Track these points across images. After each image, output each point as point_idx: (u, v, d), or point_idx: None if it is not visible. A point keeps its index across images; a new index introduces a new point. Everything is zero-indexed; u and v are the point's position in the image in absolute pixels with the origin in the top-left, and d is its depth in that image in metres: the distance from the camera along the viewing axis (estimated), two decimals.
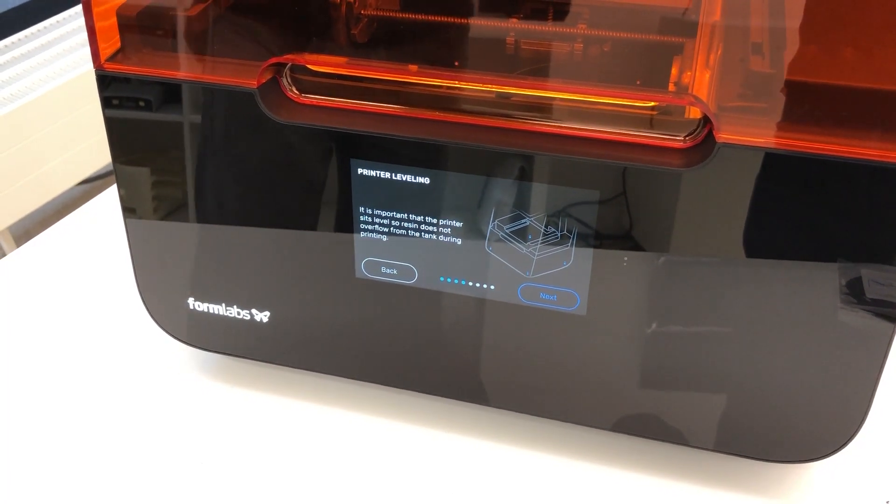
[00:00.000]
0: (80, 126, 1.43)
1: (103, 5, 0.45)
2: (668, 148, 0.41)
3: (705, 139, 0.40)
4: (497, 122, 0.44)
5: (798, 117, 0.39)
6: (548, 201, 0.43)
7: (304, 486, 0.48)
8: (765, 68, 0.41)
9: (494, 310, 0.46)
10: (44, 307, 0.61)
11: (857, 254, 0.40)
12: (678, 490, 0.48)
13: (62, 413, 0.53)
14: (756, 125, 0.39)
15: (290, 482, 0.49)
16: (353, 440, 0.51)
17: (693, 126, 0.42)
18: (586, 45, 0.47)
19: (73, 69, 1.42)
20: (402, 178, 0.44)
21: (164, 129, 0.47)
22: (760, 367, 0.43)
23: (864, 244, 0.40)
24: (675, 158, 0.41)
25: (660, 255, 0.42)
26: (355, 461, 0.50)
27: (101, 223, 0.69)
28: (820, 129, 0.39)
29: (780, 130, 0.39)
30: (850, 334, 0.41)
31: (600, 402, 0.47)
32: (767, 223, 0.40)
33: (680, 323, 0.44)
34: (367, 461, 0.50)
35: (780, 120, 0.39)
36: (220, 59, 0.45)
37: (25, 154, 1.38)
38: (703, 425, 0.46)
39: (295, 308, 0.50)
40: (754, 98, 0.40)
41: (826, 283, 0.41)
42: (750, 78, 0.41)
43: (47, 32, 1.45)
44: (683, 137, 0.41)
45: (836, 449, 0.45)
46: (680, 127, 0.42)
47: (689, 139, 0.41)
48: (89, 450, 0.51)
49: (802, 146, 0.38)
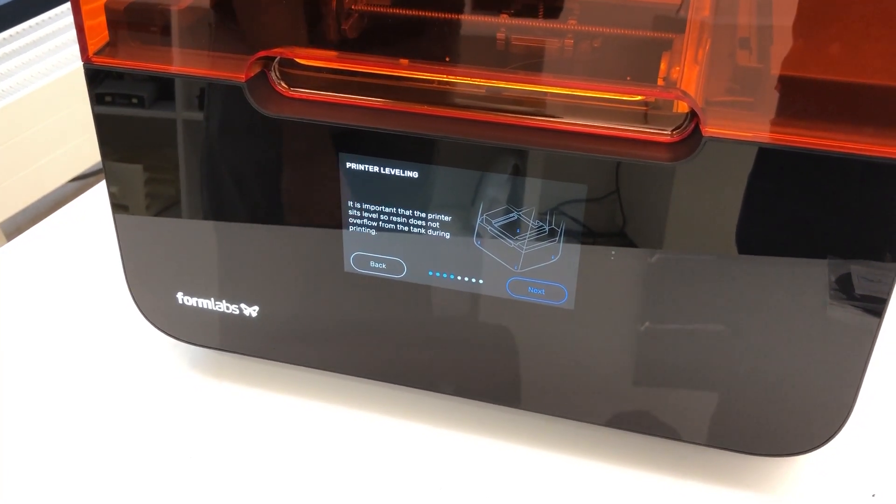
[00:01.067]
0: (73, 122, 1.43)
1: (92, 1, 0.45)
2: (655, 142, 0.41)
3: (692, 133, 0.41)
4: (486, 116, 0.44)
5: (785, 112, 0.39)
6: (535, 196, 0.43)
7: (293, 481, 0.49)
8: (752, 63, 0.41)
9: (483, 304, 0.46)
10: (33, 302, 0.61)
11: (844, 249, 0.40)
12: (666, 483, 0.48)
13: (52, 407, 0.53)
14: (743, 119, 0.39)
15: (279, 476, 0.49)
16: (341, 434, 0.51)
17: (681, 120, 0.42)
18: (577, 41, 0.47)
19: (66, 65, 1.42)
20: (391, 173, 0.44)
21: (153, 123, 0.47)
22: (747, 362, 0.44)
23: (850, 239, 0.40)
24: (663, 152, 0.41)
25: (647, 250, 0.43)
26: (344, 455, 0.50)
27: (91, 218, 0.69)
28: (807, 123, 0.39)
29: (767, 125, 0.39)
30: (836, 329, 0.42)
31: (588, 396, 0.47)
32: (754, 217, 0.40)
33: (667, 317, 0.44)
34: (355, 455, 0.50)
35: (766, 114, 0.39)
36: (209, 53, 0.45)
37: (18, 150, 1.37)
38: (691, 419, 0.46)
39: (284, 302, 0.50)
40: (742, 92, 0.41)
41: (812, 278, 0.41)
42: (737, 72, 0.41)
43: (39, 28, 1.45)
44: (671, 132, 0.41)
45: (823, 442, 0.45)
46: (669, 121, 0.42)
47: (677, 133, 0.41)
48: (79, 444, 0.51)
49: (789, 140, 0.38)
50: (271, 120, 0.44)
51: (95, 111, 0.47)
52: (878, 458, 0.49)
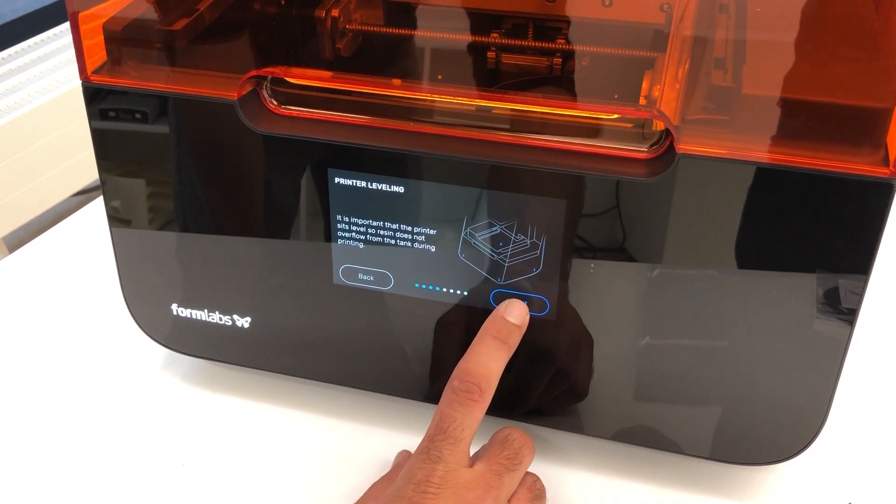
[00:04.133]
0: (75, 138, 1.45)
1: (90, 21, 0.47)
2: (632, 159, 0.43)
3: (667, 150, 0.42)
4: (470, 133, 0.45)
5: (756, 129, 0.41)
6: (518, 210, 0.44)
7: (284, 490, 0.50)
8: (726, 82, 0.42)
9: (468, 316, 0.47)
10: (31, 313, 0.62)
11: (814, 262, 0.41)
12: (646, 492, 0.49)
13: (48, 415, 0.54)
14: (716, 137, 0.41)
15: (270, 486, 0.50)
16: (332, 444, 0.52)
17: (658, 138, 0.43)
18: (564, 61, 0.49)
19: (68, 83, 1.44)
20: (378, 188, 0.46)
21: (149, 139, 0.49)
22: (725, 374, 0.45)
23: (820, 252, 0.41)
24: (639, 168, 0.42)
25: (625, 263, 0.44)
26: (334, 465, 0.51)
27: (90, 232, 0.70)
28: (777, 140, 0.40)
29: (739, 142, 0.40)
30: (808, 340, 0.43)
31: (570, 405, 0.48)
32: (726, 232, 0.42)
33: (643, 329, 0.45)
34: (346, 465, 0.51)
35: (738, 132, 0.41)
36: (202, 72, 0.46)
37: (21, 165, 1.39)
38: (671, 430, 0.47)
39: (275, 314, 0.51)
40: (716, 111, 0.42)
41: (782, 291, 0.42)
42: (712, 92, 0.42)
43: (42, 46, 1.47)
44: (647, 148, 0.43)
45: (798, 451, 0.46)
46: (647, 139, 0.44)
47: (653, 150, 0.43)
48: (74, 451, 0.52)
49: (759, 157, 0.40)
50: (262, 137, 0.46)
51: (93, 127, 0.49)
52: (854, 467, 0.50)
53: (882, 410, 0.54)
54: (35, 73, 1.43)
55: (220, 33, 0.48)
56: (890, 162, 0.39)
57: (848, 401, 0.52)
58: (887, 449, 0.51)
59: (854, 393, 0.53)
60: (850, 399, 0.53)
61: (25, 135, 1.38)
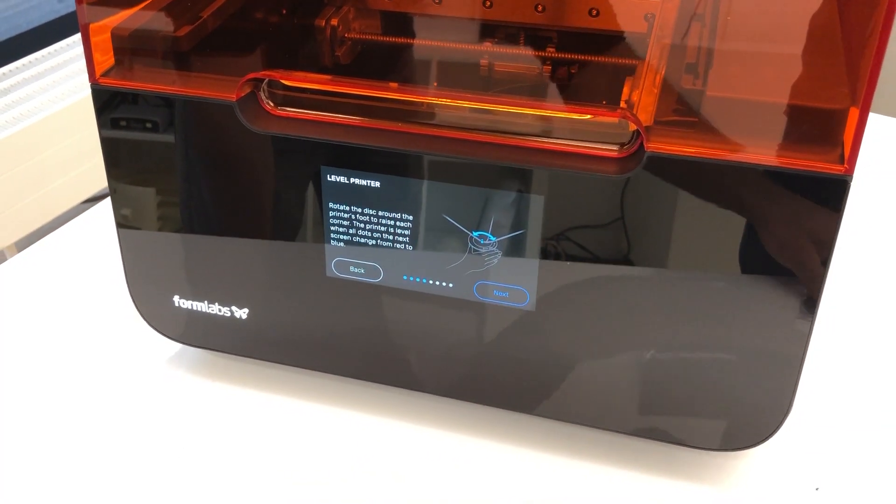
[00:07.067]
0: (84, 147, 1.48)
1: (100, 32, 0.50)
2: (606, 157, 0.46)
3: (637, 150, 0.45)
4: (456, 133, 0.48)
5: (721, 129, 0.43)
6: (500, 205, 0.47)
7: (282, 478, 0.52)
8: (696, 86, 0.45)
9: (453, 306, 0.50)
10: (41, 307, 0.65)
11: (775, 255, 0.44)
12: (617, 477, 0.51)
13: (54, 400, 0.57)
14: (684, 137, 0.44)
15: (269, 473, 0.52)
16: (328, 432, 0.55)
17: (630, 138, 0.46)
18: (554, 67, 0.52)
19: (78, 92, 1.47)
20: (368, 184, 0.48)
21: (155, 140, 0.52)
22: (693, 363, 0.47)
23: (782, 246, 0.44)
24: (611, 166, 0.45)
25: (599, 257, 0.46)
26: (331, 453, 0.53)
27: (97, 231, 0.73)
28: (741, 140, 0.43)
29: (705, 141, 0.43)
30: (773, 330, 0.45)
31: (549, 392, 0.51)
32: (692, 227, 0.44)
33: (616, 317, 0.47)
34: (342, 453, 0.53)
35: (705, 132, 0.43)
36: (204, 75, 0.49)
37: (31, 173, 1.43)
38: (640, 415, 0.50)
39: (271, 305, 0.54)
40: (686, 113, 0.45)
41: (747, 284, 0.44)
42: (682, 95, 0.45)
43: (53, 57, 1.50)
44: (619, 148, 0.45)
45: (765, 438, 0.48)
46: (623, 140, 0.46)
47: (625, 150, 0.45)
48: (82, 443, 0.54)
49: (723, 155, 0.42)
50: (259, 136, 0.49)
51: (101, 129, 0.52)
52: (821, 454, 0.52)
53: (846, 398, 0.56)
54: (45, 83, 1.46)
55: (222, 39, 0.51)
56: (845, 159, 0.41)
57: (814, 389, 0.54)
58: (852, 435, 0.54)
59: (819, 382, 0.56)
60: (816, 388, 0.55)
61: (36, 143, 1.41)
